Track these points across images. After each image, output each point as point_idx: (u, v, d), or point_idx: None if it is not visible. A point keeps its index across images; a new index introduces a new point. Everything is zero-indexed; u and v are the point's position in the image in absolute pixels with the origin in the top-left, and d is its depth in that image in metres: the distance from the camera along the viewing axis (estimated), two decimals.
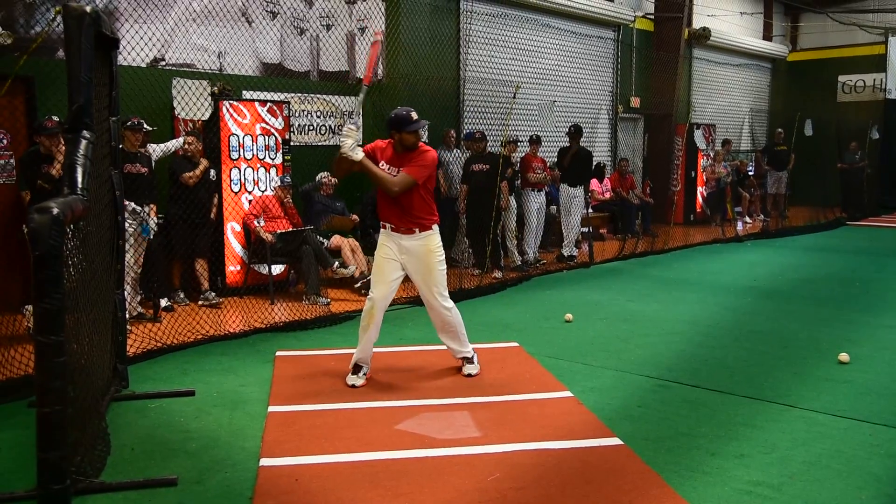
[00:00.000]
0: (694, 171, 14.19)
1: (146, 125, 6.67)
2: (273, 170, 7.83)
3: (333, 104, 9.23)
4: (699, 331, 6.32)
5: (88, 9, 3.68)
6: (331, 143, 9.16)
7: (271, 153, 7.81)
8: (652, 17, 14.35)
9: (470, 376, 5.01)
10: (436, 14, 10.00)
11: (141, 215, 6.40)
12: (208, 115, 7.31)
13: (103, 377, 4.24)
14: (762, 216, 14.73)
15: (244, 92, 8.12)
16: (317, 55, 9.15)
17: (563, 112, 11.23)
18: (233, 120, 7.49)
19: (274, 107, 7.81)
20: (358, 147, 4.66)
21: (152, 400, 4.55)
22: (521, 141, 9.47)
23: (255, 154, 7.69)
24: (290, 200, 7.74)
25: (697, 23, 15.06)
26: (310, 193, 8.17)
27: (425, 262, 4.85)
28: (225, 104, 7.41)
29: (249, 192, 7.67)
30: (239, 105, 7.54)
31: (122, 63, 5.63)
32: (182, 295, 7.21)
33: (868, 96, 17.22)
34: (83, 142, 3.49)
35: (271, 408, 4.43)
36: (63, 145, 5.35)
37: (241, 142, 7.57)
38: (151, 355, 5.46)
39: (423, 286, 4.91)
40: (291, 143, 8.04)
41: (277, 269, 7.73)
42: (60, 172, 5.42)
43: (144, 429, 4.12)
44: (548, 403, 4.53)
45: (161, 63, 7.65)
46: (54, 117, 5.88)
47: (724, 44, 15.84)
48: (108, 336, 4.46)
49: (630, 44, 13.81)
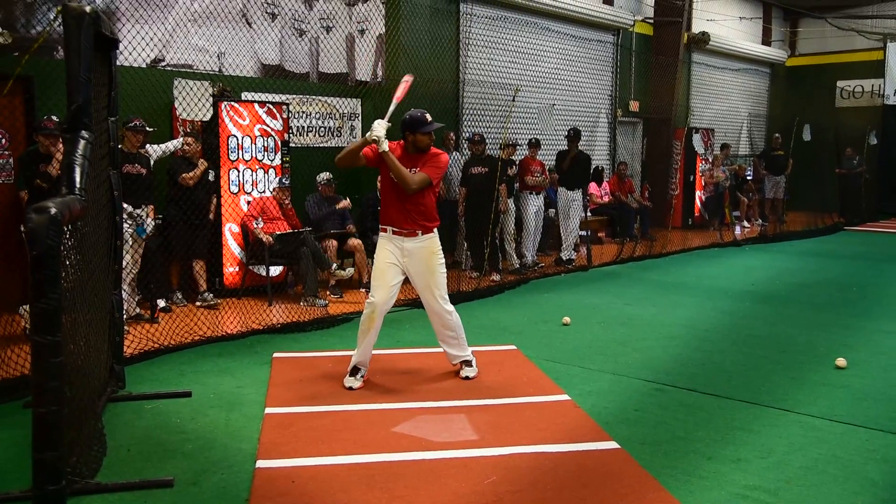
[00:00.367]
0: (692, 176, 14.22)
1: (146, 126, 6.67)
2: (272, 171, 7.83)
3: (333, 106, 9.24)
4: (697, 335, 6.33)
5: (88, 9, 3.68)
6: (330, 145, 9.16)
7: (270, 154, 7.81)
8: (651, 22, 14.37)
9: (468, 379, 5.01)
10: (436, 16, 10.01)
11: (136, 219, 6.38)
12: (210, 116, 7.31)
13: (100, 378, 4.23)
14: (760, 221, 14.76)
15: (243, 93, 8.13)
16: (316, 57, 9.16)
17: (563, 115, 11.23)
18: (232, 121, 7.49)
19: (273, 108, 7.81)
20: (385, 140, 4.65)
21: (149, 401, 4.54)
22: (520, 144, 9.47)
23: (254, 155, 7.69)
24: (289, 202, 7.74)
25: (697, 27, 15.10)
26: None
27: (427, 265, 4.85)
28: (224, 105, 7.41)
29: (248, 194, 7.67)
30: (238, 106, 7.55)
31: (122, 63, 5.64)
32: (180, 296, 7.20)
33: (866, 102, 17.26)
34: (81, 142, 3.49)
35: (268, 409, 4.42)
36: (62, 145, 5.34)
37: (240, 143, 7.57)
38: (148, 356, 5.45)
39: (425, 289, 4.91)
40: (290, 145, 8.04)
41: (275, 271, 7.73)
42: (58, 172, 5.42)
43: (141, 430, 4.12)
44: (545, 407, 4.53)
45: (161, 64, 7.66)
46: (54, 117, 5.89)
47: (724, 48, 15.87)
48: (105, 336, 4.46)
49: (629, 48, 13.84)
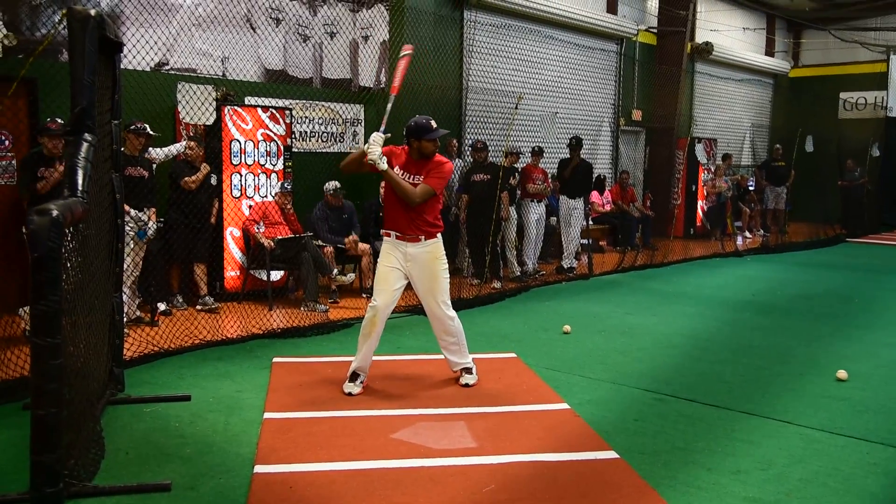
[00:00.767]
0: (694, 185, 14.21)
1: (149, 129, 6.68)
2: (274, 176, 7.83)
3: (336, 111, 9.25)
4: (697, 345, 6.31)
5: (93, 12, 3.70)
6: (332, 151, 9.17)
7: (272, 159, 7.81)
8: (655, 31, 14.40)
9: (468, 386, 5.00)
10: (439, 23, 10.03)
11: (138, 222, 6.38)
12: (212, 120, 7.32)
13: (99, 380, 4.23)
14: (762, 231, 14.74)
15: (247, 98, 8.15)
16: (320, 62, 9.18)
17: (565, 123, 11.24)
18: (235, 125, 7.50)
19: (276, 113, 7.82)
20: (384, 158, 4.63)
21: (148, 404, 4.54)
22: (523, 152, 9.48)
23: (257, 160, 7.70)
24: (291, 207, 7.75)
25: (700, 37, 15.12)
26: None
27: (430, 270, 4.84)
28: (227, 109, 7.42)
29: (250, 198, 7.68)
30: (241, 110, 7.56)
31: (126, 67, 5.64)
32: (180, 299, 7.20)
33: (869, 114, 17.26)
34: (84, 144, 3.49)
35: (267, 414, 4.41)
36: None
37: (243, 147, 7.58)
38: (148, 359, 5.44)
39: (428, 295, 4.89)
40: (293, 150, 8.05)
41: (276, 276, 7.73)
42: (61, 176, 5.43)
43: (139, 433, 4.11)
44: (544, 415, 4.52)
45: (164, 67, 7.67)
46: (59, 119, 5.89)
47: (727, 59, 15.89)
48: (105, 339, 4.46)
49: (633, 57, 13.86)
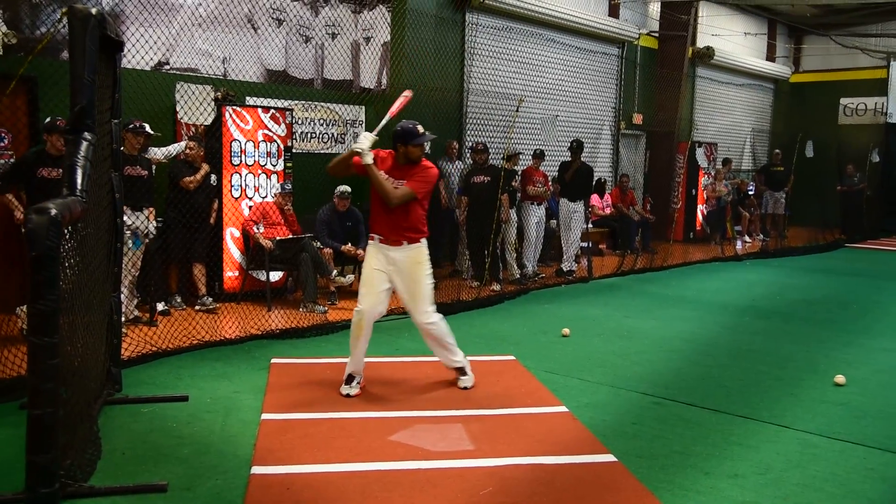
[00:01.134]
0: (695, 189, 14.21)
1: (149, 129, 6.67)
2: (274, 176, 7.83)
3: (337, 112, 9.25)
4: (696, 349, 6.31)
5: (94, 11, 3.69)
6: (333, 152, 9.17)
7: (273, 160, 7.81)
8: (656, 35, 14.41)
9: (466, 389, 4.99)
10: (441, 25, 10.03)
11: (134, 231, 6.34)
12: (210, 120, 7.32)
13: (96, 380, 4.22)
14: (762, 236, 14.75)
15: (247, 98, 8.14)
16: (321, 63, 9.18)
17: (566, 127, 11.24)
18: (235, 125, 7.50)
19: (277, 113, 7.82)
20: (370, 153, 4.67)
21: (145, 404, 4.53)
22: (523, 154, 9.48)
23: (257, 160, 7.69)
24: (290, 207, 7.74)
25: (701, 42, 15.13)
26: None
27: (412, 275, 4.82)
28: (228, 109, 7.42)
29: (249, 198, 7.67)
30: (242, 111, 7.56)
31: (127, 66, 5.64)
32: (179, 299, 7.19)
33: (869, 119, 17.26)
34: (84, 143, 3.49)
35: (265, 415, 4.41)
36: None
37: (243, 147, 7.57)
38: (146, 359, 5.44)
39: (409, 300, 4.87)
40: (293, 151, 8.05)
41: (275, 276, 7.72)
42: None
43: (136, 433, 4.10)
44: (542, 418, 4.52)
45: (165, 67, 7.67)
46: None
47: (728, 63, 15.90)
48: (103, 339, 4.45)
49: (634, 61, 13.86)
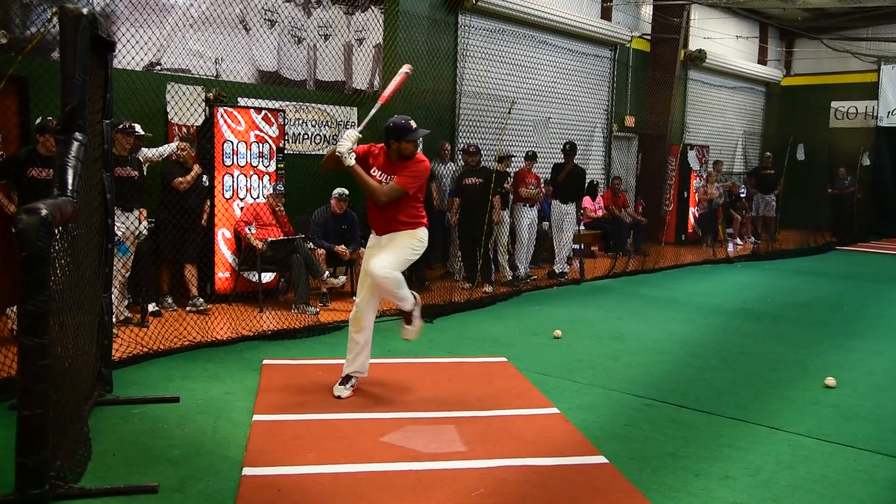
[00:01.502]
0: (686, 192, 14.26)
1: (140, 129, 6.64)
2: (266, 177, 7.82)
3: (329, 114, 9.24)
4: (687, 351, 6.33)
5: (85, 11, 3.68)
6: (325, 153, 9.13)
7: (265, 161, 7.80)
8: (649, 38, 14.46)
9: (407, 340, 4.96)
10: (434, 27, 10.04)
11: (119, 237, 6.31)
12: (201, 121, 7.30)
13: (87, 381, 4.20)
14: (753, 238, 14.81)
15: (240, 99, 8.12)
16: (314, 64, 9.17)
17: (558, 129, 11.26)
18: (227, 126, 7.48)
19: (269, 114, 7.81)
20: (353, 154, 4.58)
21: (136, 405, 4.51)
22: (515, 156, 9.49)
23: (249, 161, 7.68)
24: (282, 209, 7.73)
25: (693, 45, 15.18)
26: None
27: (396, 240, 4.69)
28: (220, 110, 7.40)
29: (241, 199, 7.66)
30: (234, 112, 7.54)
31: (118, 66, 5.61)
32: (170, 300, 7.16)
33: (860, 123, 17.37)
34: (75, 143, 3.48)
35: (256, 416, 4.40)
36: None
37: (235, 148, 7.56)
38: (137, 360, 5.41)
39: (376, 257, 4.65)
40: (285, 152, 8.04)
41: (267, 277, 7.71)
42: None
43: (127, 434, 4.08)
44: (534, 420, 4.52)
45: (157, 68, 7.65)
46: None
47: (720, 66, 15.96)
48: (94, 339, 4.43)
49: (626, 63, 13.90)
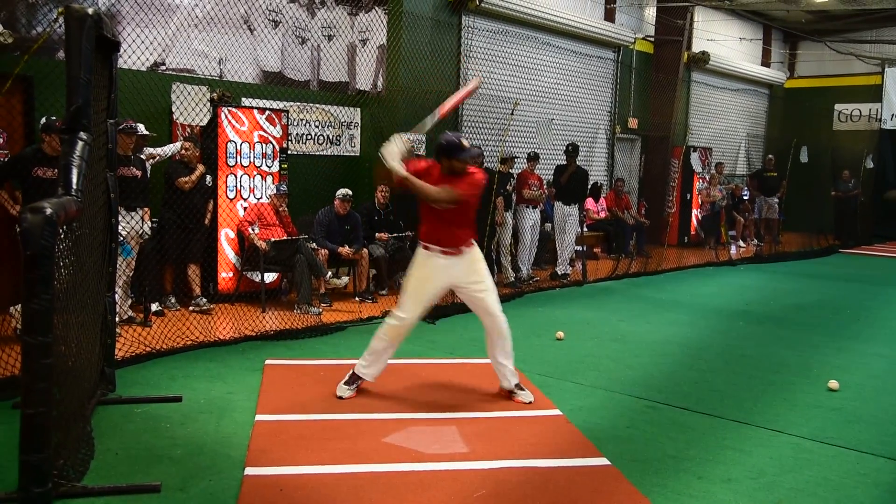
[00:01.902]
0: (689, 194, 14.26)
1: (144, 129, 6.65)
2: (269, 178, 7.82)
3: (332, 114, 9.25)
4: (690, 353, 6.32)
5: (90, 11, 3.69)
6: (328, 153, 9.18)
7: (268, 161, 7.81)
8: (652, 40, 14.45)
9: (527, 403, 4.83)
10: (437, 28, 10.04)
11: (121, 238, 6.31)
12: (206, 121, 7.31)
13: (90, 380, 4.21)
14: (756, 241, 14.79)
15: (243, 99, 8.13)
16: (317, 65, 9.18)
17: (561, 130, 11.25)
18: (231, 126, 7.49)
19: (273, 115, 7.82)
20: (401, 165, 4.51)
21: (139, 405, 4.52)
22: (518, 157, 9.49)
23: (252, 161, 7.69)
24: (286, 209, 7.74)
25: (697, 47, 15.17)
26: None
27: (476, 265, 4.77)
28: (224, 111, 7.41)
29: (245, 199, 7.67)
30: (238, 112, 7.55)
31: (123, 66, 5.62)
32: (173, 300, 7.17)
33: (864, 125, 17.32)
34: (79, 143, 3.48)
35: (258, 416, 4.40)
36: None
37: (239, 148, 7.57)
38: (140, 359, 5.42)
39: (476, 286, 4.76)
40: (289, 152, 8.05)
41: (270, 278, 7.71)
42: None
43: (130, 433, 4.09)
44: (536, 421, 4.52)
45: (161, 68, 7.66)
46: None
47: (723, 68, 15.95)
48: (97, 338, 4.44)
49: (629, 65, 13.90)
